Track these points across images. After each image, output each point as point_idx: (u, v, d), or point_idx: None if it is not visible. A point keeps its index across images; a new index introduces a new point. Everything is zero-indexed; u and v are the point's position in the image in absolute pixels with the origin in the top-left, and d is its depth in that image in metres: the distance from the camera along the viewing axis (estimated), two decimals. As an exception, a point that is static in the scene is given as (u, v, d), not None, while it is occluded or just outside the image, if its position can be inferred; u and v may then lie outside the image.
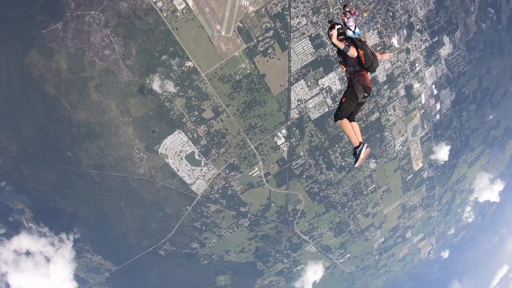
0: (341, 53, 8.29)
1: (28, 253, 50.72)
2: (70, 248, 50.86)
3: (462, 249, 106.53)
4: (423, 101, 52.25)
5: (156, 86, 38.76)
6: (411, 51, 46.35)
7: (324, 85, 43.43)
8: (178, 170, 44.59)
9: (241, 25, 37.50)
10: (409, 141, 55.77)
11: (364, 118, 48.53)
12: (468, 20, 49.83)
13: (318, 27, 39.53)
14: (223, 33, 37.43)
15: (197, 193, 47.20)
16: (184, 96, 39.76)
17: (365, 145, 8.26)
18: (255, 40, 38.43)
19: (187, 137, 42.28)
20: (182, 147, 42.89)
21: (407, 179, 62.15)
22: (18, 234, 49.18)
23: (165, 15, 35.61)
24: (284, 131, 45.31)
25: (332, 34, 8.10)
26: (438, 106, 54.96)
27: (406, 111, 51.39)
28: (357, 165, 8.43)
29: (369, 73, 8.46)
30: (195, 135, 42.39)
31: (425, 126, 55.78)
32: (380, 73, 45.82)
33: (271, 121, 43.87)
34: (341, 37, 8.30)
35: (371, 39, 42.88)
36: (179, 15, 35.87)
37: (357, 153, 8.29)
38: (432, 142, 59.22)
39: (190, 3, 35.57)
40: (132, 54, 37.10)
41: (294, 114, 44.41)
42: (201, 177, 45.91)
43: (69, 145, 41.49)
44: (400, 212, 68.66)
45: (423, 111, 53.31)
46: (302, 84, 42.42)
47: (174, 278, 58.16)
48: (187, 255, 55.17)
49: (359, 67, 8.28)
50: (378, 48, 43.78)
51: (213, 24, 36.88)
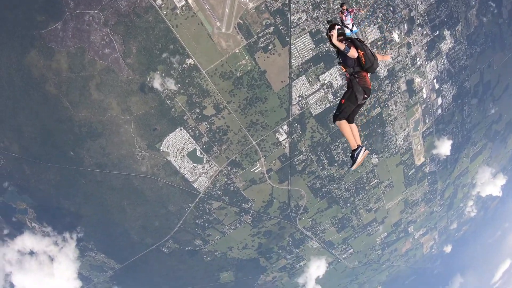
0: (340, 54, 8.20)
1: (31, 253, 50.88)
2: (73, 247, 51.01)
3: (465, 243, 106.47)
4: (424, 96, 52.09)
5: (157, 84, 38.71)
6: (412, 46, 46.15)
7: (325, 80, 43.33)
8: (180, 168, 44.61)
9: (241, 21, 37.37)
10: (410, 136, 55.63)
11: (366, 113, 48.43)
12: (469, 14, 49.53)
13: (318, 22, 39.38)
14: (223, 30, 37.32)
15: (199, 190, 47.24)
16: (185, 93, 39.71)
17: (363, 148, 8.11)
18: (255, 37, 38.31)
19: (188, 135, 42.27)
20: (184, 144, 42.88)
21: (409, 174, 62.05)
22: (21, 234, 49.31)
23: (164, 12, 35.49)
24: (285, 127, 45.26)
25: (332, 35, 8.02)
26: (439, 100, 54.76)
27: (407, 105, 51.25)
28: (353, 168, 8.30)
29: (369, 74, 8.35)
30: (197, 132, 42.37)
31: (427, 121, 55.63)
32: (381, 68, 45.66)
33: (273, 117, 43.79)
34: (340, 37, 8.22)
35: (372, 34, 42.70)
36: (178, 12, 35.76)
37: (355, 156, 8.11)
38: (434, 136, 59.07)
39: (190, 0, 35.45)
40: (132, 53, 37.03)
41: (295, 110, 44.34)
42: (203, 174, 45.94)
43: (71, 144, 41.52)
44: (403, 207, 68.64)
45: (424, 105, 53.15)
46: (303, 80, 42.32)
47: (177, 275, 58.32)
48: (190, 252, 55.25)
49: (359, 68, 8.18)
50: (379, 43, 43.64)
51: (213, 21, 36.78)
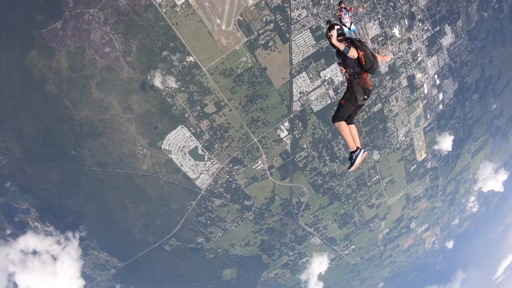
0: (340, 54, 8.13)
1: (34, 252, 50.99)
2: (76, 246, 51.10)
3: (467, 239, 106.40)
4: (425, 91, 51.91)
5: (157, 82, 38.64)
6: (412, 41, 45.95)
7: (326, 76, 43.22)
8: (181, 166, 44.63)
9: (241, 18, 37.21)
10: (412, 132, 55.50)
11: (367, 109, 48.33)
12: (470, 9, 49.22)
13: (318, 18, 39.20)
14: (223, 27, 37.19)
15: (201, 187, 47.27)
16: (186, 91, 39.65)
17: (362, 150, 8.09)
18: (255, 34, 38.17)
19: (190, 132, 42.26)
20: (185, 142, 42.88)
21: (411, 169, 61.98)
22: (24, 234, 49.37)
23: (164, 10, 35.35)
24: (286, 123, 45.21)
25: (331, 35, 7.96)
26: (440, 96, 54.57)
27: (408, 101, 51.10)
28: (351, 169, 8.29)
29: (369, 74, 8.30)
30: (198, 130, 42.35)
31: (428, 116, 55.48)
32: (382, 64, 45.44)
33: (274, 114, 43.73)
34: (340, 37, 8.14)
35: (373, 30, 42.55)
36: (178, 10, 35.61)
37: (353, 157, 8.11)
38: (435, 132, 58.90)
39: (190, -3, 35.40)
40: (132, 51, 36.93)
41: (296, 107, 44.26)
42: (205, 172, 45.94)
43: (72, 143, 41.48)
44: (404, 203, 68.57)
45: (425, 101, 52.99)
46: (304, 77, 42.21)
47: (180, 272, 58.48)
48: (192, 250, 55.37)
49: (359, 69, 8.11)
50: (380, 39, 43.51)
51: (213, 18, 36.64)
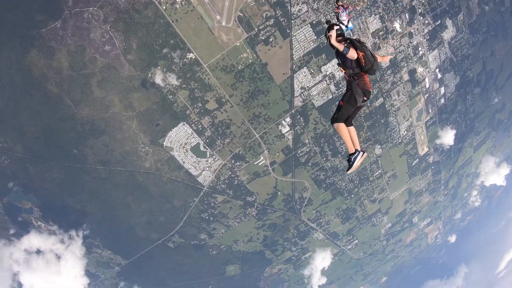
0: (340, 55, 8.02)
1: (38, 251, 51.17)
2: (80, 245, 51.27)
3: (469, 233, 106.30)
4: (427, 86, 51.67)
5: (158, 79, 38.57)
6: (414, 35, 45.68)
7: (327, 71, 43.08)
8: (184, 162, 44.63)
9: (241, 14, 37.03)
10: (414, 126, 55.33)
11: (368, 104, 48.25)
12: (471, 2, 48.82)
13: (319, 13, 39.00)
14: (223, 23, 37.04)
15: (203, 184, 47.30)
16: (187, 88, 39.59)
17: (361, 152, 7.97)
18: (256, 29, 37.97)
19: (191, 129, 42.24)
20: (187, 139, 42.87)
21: (413, 164, 61.84)
22: (28, 234, 49.56)
23: (164, 7, 35.20)
24: (288, 119, 45.11)
25: (331, 35, 7.84)
26: (442, 90, 54.34)
27: (410, 95, 50.90)
28: (349, 172, 8.17)
29: (369, 75, 8.20)
30: (200, 126, 42.31)
31: (430, 111, 55.28)
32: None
33: (275, 109, 43.65)
34: (339, 38, 8.06)
35: (373, 24, 42.31)
36: (178, 7, 35.46)
37: (352, 160, 7.97)
38: (437, 126, 58.70)
39: (189, -6, 35.28)
40: (132, 49, 36.85)
41: (298, 102, 44.15)
42: (207, 168, 45.96)
43: (74, 142, 41.53)
44: (407, 197, 68.49)
45: (427, 95, 52.77)
46: (305, 72, 42.06)
47: (183, 269, 58.68)
48: (196, 246, 55.50)
49: (358, 70, 8.00)
50: (380, 33, 43.31)
51: (213, 15, 36.50)
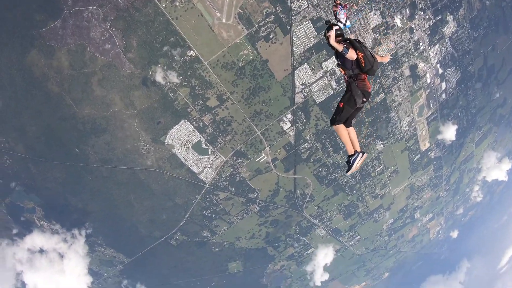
0: (339, 55, 7.89)
1: (41, 251, 51.24)
2: (82, 243, 51.32)
3: (471, 228, 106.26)
4: (428, 81, 51.55)
5: (159, 77, 38.50)
6: (414, 31, 45.52)
7: (328, 67, 42.97)
8: (185, 160, 44.62)
9: (241, 11, 36.89)
10: (415, 122, 55.22)
11: (370, 100, 48.13)
12: (471, -3, 48.86)
13: (319, 9, 38.89)
14: (223, 20, 36.93)
15: (205, 181, 47.30)
16: (188, 85, 39.50)
17: (360, 154, 7.86)
18: (256, 26, 37.82)
19: (192, 127, 42.19)
20: (189, 136, 42.84)
21: (415, 159, 61.75)
22: (30, 233, 49.62)
23: (164, 5, 35.08)
24: (289, 115, 45.03)
25: (330, 36, 7.74)
26: (443, 85, 54.18)
27: (411, 91, 50.78)
28: (348, 173, 8.09)
29: (368, 76, 8.10)
30: (201, 124, 42.26)
31: (431, 106, 55.15)
32: (384, 54, 45.25)
33: (276, 106, 43.54)
34: (339, 38, 7.96)
35: (374, 20, 42.18)
36: (178, 4, 35.35)
37: (351, 162, 7.86)
38: (439, 121, 58.58)
39: (189, -9, 35.17)
40: (133, 47, 36.76)
41: (299, 98, 44.05)
42: (209, 166, 45.94)
43: (75, 141, 41.50)
44: (409, 193, 68.44)
45: (428, 90, 52.65)
46: (305, 68, 41.95)
47: (186, 266, 58.79)
48: (198, 244, 55.59)
49: (358, 70, 7.87)
50: (381, 29, 43.17)
51: (213, 12, 36.39)
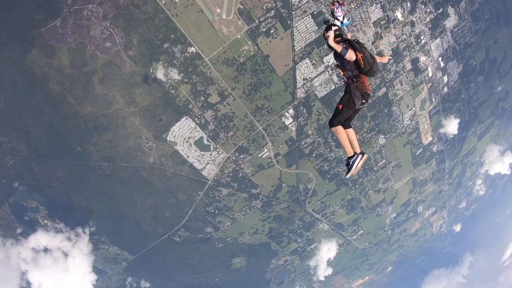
0: (338, 56, 7.83)
1: (46, 250, 51.53)
2: (86, 242, 51.59)
3: (474, 222, 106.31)
4: (430, 74, 51.29)
5: (160, 74, 38.45)
6: (416, 24, 45.24)
7: (329, 62, 42.76)
8: (188, 157, 44.64)
9: (241, 6, 36.70)
10: (417, 115, 55.02)
11: (371, 94, 48.03)
12: (473, -11, 48.54)
13: (320, 3, 38.66)
14: (223, 16, 36.77)
15: (208, 178, 47.32)
16: (189, 82, 39.43)
17: (360, 155, 7.75)
18: (256, 21, 37.64)
19: (194, 123, 42.17)
20: (190, 133, 42.83)
21: (417, 153, 61.61)
22: (34, 232, 49.87)
23: (163, 2, 34.92)
24: (291, 110, 44.94)
25: (328, 36, 7.65)
26: (445, 78, 53.93)
27: (413, 85, 50.57)
28: (348, 176, 7.97)
29: (368, 77, 8.04)
30: (203, 120, 42.23)
31: (433, 100, 54.93)
32: (386, 48, 44.99)
33: (278, 101, 43.46)
34: (338, 39, 7.86)
35: (375, 14, 41.96)
36: (177, 1, 35.15)
37: (350, 163, 7.75)
38: (441, 115, 58.41)
39: (189, -13, 35.00)
40: (133, 44, 36.68)
41: (300, 93, 43.95)
42: (211, 162, 45.95)
43: (77, 140, 41.54)
44: (411, 187, 68.40)
45: (430, 84, 52.42)
46: (307, 63, 41.79)
47: (190, 263, 59.05)
48: (202, 240, 55.75)
49: (357, 72, 7.80)
50: (382, 22, 42.96)
51: (213, 8, 36.24)
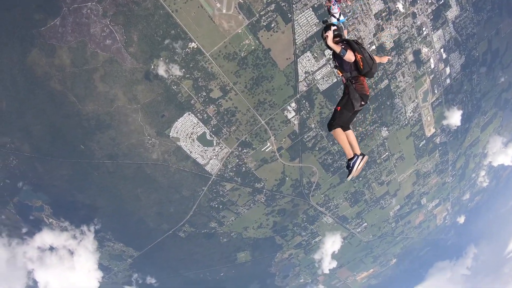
0: (336, 56, 7.67)
1: (51, 248, 51.94)
2: (92, 239, 51.93)
3: (478, 214, 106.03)
4: (432, 66, 50.98)
5: (161, 70, 38.37)
6: (417, 15, 44.91)
7: (330, 55, 42.47)
8: (191, 152, 44.69)
9: (241, 1, 36.51)
10: (420, 107, 54.76)
11: (374, 86, 47.85)
12: (474, -21, 48.10)
13: (320, -4, 38.62)
14: (224, 11, 36.61)
15: (211, 173, 47.41)
16: (191, 77, 39.35)
17: (360, 157, 7.57)
18: (257, 15, 37.46)
19: (197, 119, 42.17)
20: (193, 128, 42.85)
21: (420, 145, 61.40)
22: (40, 231, 50.20)
23: (163, -2, 34.99)
24: (293, 104, 44.85)
25: (327, 36, 7.53)
26: (447, 70, 53.59)
27: (415, 76, 50.28)
28: (349, 178, 7.80)
29: (367, 79, 7.86)
30: (205, 115, 42.21)
31: (436, 91, 54.65)
32: (387, 39, 44.73)
33: (280, 95, 43.36)
34: (337, 39, 7.72)
35: (376, 5, 41.69)
36: (177, -3, 35.22)
37: (351, 165, 7.56)
38: (444, 107, 58.10)
39: (188, -18, 34.82)
40: (134, 41, 36.57)
41: (302, 87, 43.82)
42: (214, 157, 45.99)
43: (80, 138, 41.63)
44: (415, 179, 68.26)
45: (432, 76, 52.12)
46: (308, 56, 41.61)
47: (195, 258, 59.41)
48: (206, 235, 56.02)
49: (356, 73, 7.61)
50: (383, 14, 42.67)
51: (213, 3, 36.05)
